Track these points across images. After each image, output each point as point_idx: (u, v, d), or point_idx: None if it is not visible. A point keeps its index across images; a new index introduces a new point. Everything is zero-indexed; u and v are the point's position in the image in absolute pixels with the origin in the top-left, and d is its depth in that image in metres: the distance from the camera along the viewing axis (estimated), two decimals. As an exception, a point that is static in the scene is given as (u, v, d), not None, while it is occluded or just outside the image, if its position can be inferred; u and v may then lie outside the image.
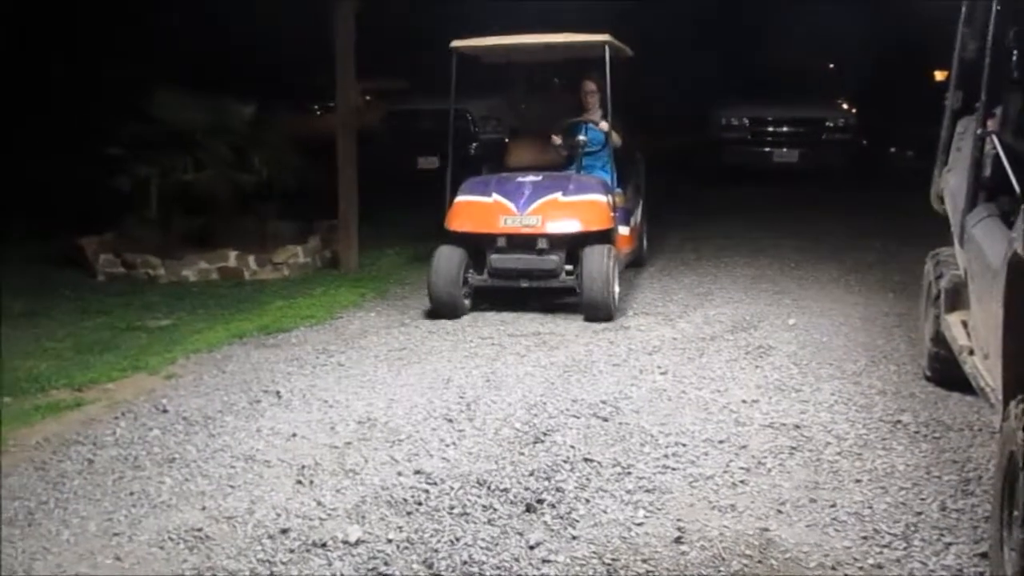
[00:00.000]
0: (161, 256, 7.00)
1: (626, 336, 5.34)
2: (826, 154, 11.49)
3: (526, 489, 3.33)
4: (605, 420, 4.01)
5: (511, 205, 5.81)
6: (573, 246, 5.76)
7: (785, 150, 11.60)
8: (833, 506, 3.18)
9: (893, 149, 14.17)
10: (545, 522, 3.10)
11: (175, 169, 7.00)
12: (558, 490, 3.32)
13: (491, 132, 11.20)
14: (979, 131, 3.73)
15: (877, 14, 14.10)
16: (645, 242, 7.39)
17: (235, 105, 7.38)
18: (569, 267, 5.73)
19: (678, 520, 3.10)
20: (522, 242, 5.74)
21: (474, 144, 10.74)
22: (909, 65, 13.96)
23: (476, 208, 5.91)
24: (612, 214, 5.88)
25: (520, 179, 6.05)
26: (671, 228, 8.71)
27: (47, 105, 14.94)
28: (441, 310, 5.73)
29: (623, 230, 6.32)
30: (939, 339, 4.16)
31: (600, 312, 5.57)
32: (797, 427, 3.91)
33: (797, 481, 3.39)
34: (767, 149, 11.66)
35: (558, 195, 5.85)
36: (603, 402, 4.22)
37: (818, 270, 7.05)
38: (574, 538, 3.00)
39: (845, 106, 12.25)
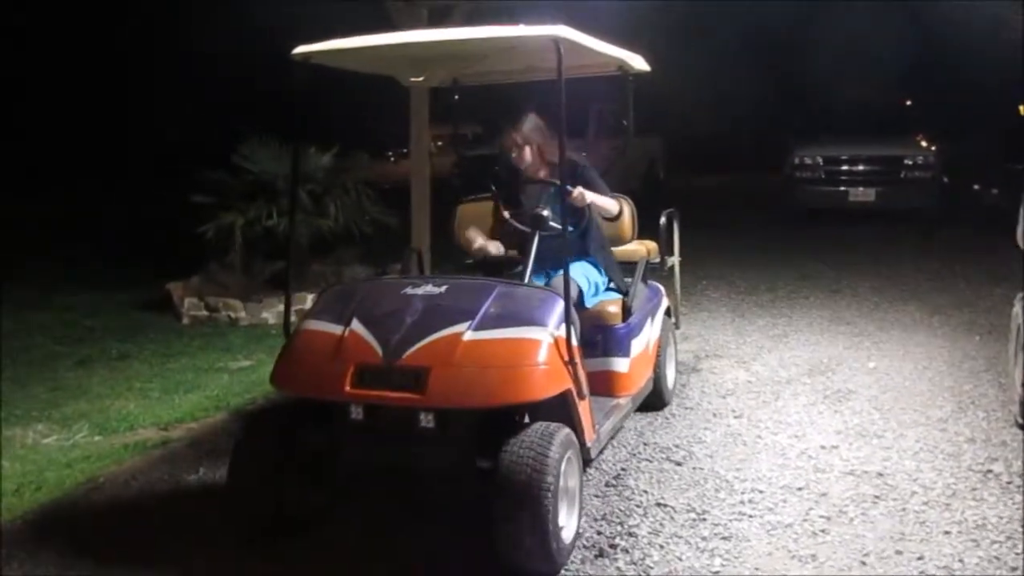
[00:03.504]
0: (242, 299, 7.25)
1: (699, 379, 5.27)
2: (905, 193, 11.20)
3: (598, 533, 3.30)
4: (678, 464, 3.95)
5: (376, 344, 3.12)
6: (494, 421, 3.10)
7: (861, 189, 11.36)
8: (920, 559, 3.06)
9: (976, 187, 13.74)
10: (618, 567, 3.07)
11: (258, 216, 7.28)
12: (631, 535, 3.28)
13: None
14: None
15: (957, 49, 13.82)
16: (671, 367, 4.81)
17: (314, 153, 7.65)
18: (486, 463, 3.02)
19: (756, 569, 3.03)
20: (392, 416, 3.11)
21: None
22: (992, 100, 13.60)
23: (318, 346, 3.23)
24: (569, 363, 3.16)
25: (409, 289, 3.35)
26: (743, 268, 8.61)
27: (143, 159, 15.86)
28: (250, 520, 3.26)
29: (619, 365, 4.02)
30: (1031, 384, 3.99)
31: (525, 559, 2.90)
32: (880, 475, 3.78)
33: (881, 531, 3.27)
34: (842, 188, 11.44)
35: (462, 327, 3.10)
36: (676, 446, 4.17)
37: (899, 312, 6.84)
38: (648, 585, 2.96)
39: (924, 143, 11.96)
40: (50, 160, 16.30)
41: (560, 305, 3.26)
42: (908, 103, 13.74)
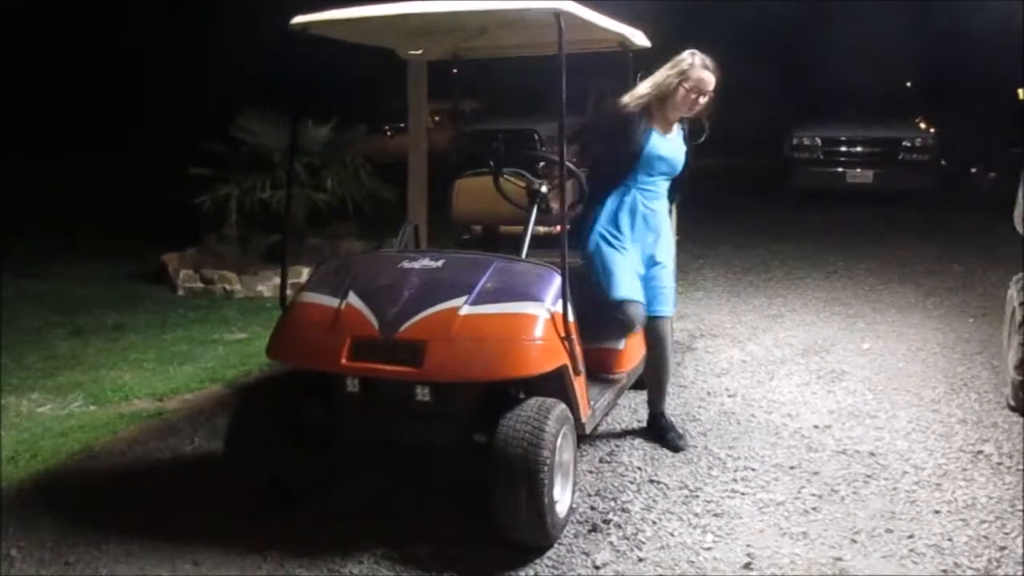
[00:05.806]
0: (238, 272, 7.24)
1: (693, 357, 5.28)
2: (903, 175, 11.18)
3: (592, 508, 3.33)
4: (672, 442, 3.97)
5: (372, 318, 3.10)
6: (490, 395, 3.14)
7: (859, 171, 11.32)
8: (910, 537, 3.09)
9: (974, 170, 13.74)
10: (611, 542, 3.09)
11: (254, 188, 7.25)
12: (624, 511, 3.31)
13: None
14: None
15: (957, 32, 13.75)
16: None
17: (312, 127, 7.60)
18: (482, 438, 3.06)
19: (747, 546, 3.05)
20: (388, 390, 3.12)
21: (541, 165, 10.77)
22: (991, 84, 13.55)
23: (315, 320, 3.21)
24: (565, 339, 3.13)
25: (406, 263, 3.33)
26: (739, 248, 8.62)
27: (140, 130, 15.74)
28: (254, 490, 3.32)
29: (616, 343, 4.00)
30: (1024, 367, 4.02)
31: (520, 532, 2.95)
32: (872, 454, 3.80)
33: (872, 510, 3.30)
34: (840, 170, 11.41)
35: (459, 302, 3.09)
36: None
37: (894, 294, 6.86)
38: (640, 560, 2.98)
39: (923, 125, 11.92)
40: (45, 130, 16.18)
41: (557, 281, 3.21)
42: (908, 85, 13.68)
